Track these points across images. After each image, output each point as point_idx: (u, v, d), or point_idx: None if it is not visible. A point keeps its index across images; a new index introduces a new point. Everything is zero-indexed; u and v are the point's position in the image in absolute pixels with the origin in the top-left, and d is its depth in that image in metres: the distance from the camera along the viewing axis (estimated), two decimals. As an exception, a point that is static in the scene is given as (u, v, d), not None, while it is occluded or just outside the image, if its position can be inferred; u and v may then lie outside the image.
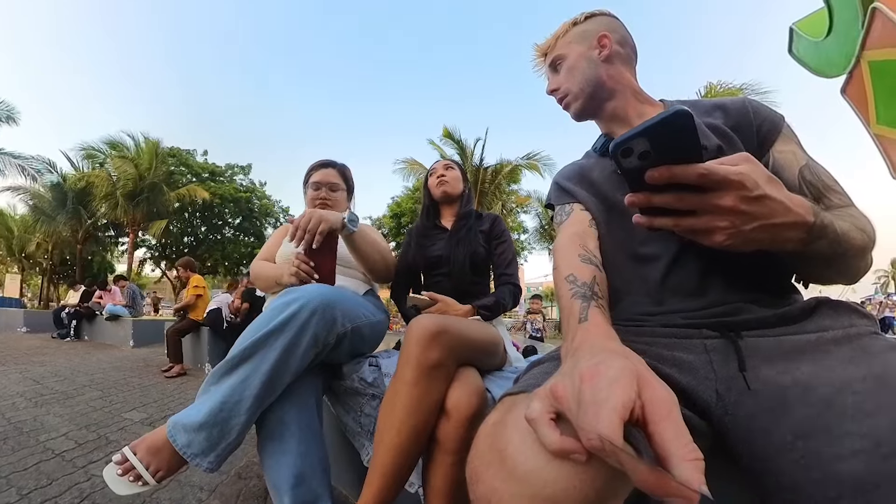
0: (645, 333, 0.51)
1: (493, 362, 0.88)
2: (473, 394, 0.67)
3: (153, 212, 13.37)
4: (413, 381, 0.64)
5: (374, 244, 1.01)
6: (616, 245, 0.60)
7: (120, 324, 5.11)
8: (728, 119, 0.57)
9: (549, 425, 0.29)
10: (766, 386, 0.40)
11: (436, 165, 1.28)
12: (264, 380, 0.69)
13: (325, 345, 0.78)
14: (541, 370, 0.50)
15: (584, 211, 0.64)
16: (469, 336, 0.75)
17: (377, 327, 0.97)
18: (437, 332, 0.66)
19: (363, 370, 0.89)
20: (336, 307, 0.79)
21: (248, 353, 0.70)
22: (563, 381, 0.31)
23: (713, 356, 0.45)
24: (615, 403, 0.26)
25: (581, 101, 0.66)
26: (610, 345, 0.37)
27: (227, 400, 0.66)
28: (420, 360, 0.64)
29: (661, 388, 0.28)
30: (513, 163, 12.07)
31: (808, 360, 0.41)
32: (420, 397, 0.63)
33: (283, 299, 0.75)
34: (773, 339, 0.44)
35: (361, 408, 0.86)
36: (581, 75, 0.65)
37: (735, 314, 0.48)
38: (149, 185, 12.75)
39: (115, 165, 12.48)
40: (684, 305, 0.52)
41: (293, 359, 0.72)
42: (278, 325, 0.71)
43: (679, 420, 0.26)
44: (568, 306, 0.46)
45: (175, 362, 3.19)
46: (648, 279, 0.56)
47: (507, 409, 0.39)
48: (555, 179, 0.73)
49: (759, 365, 0.42)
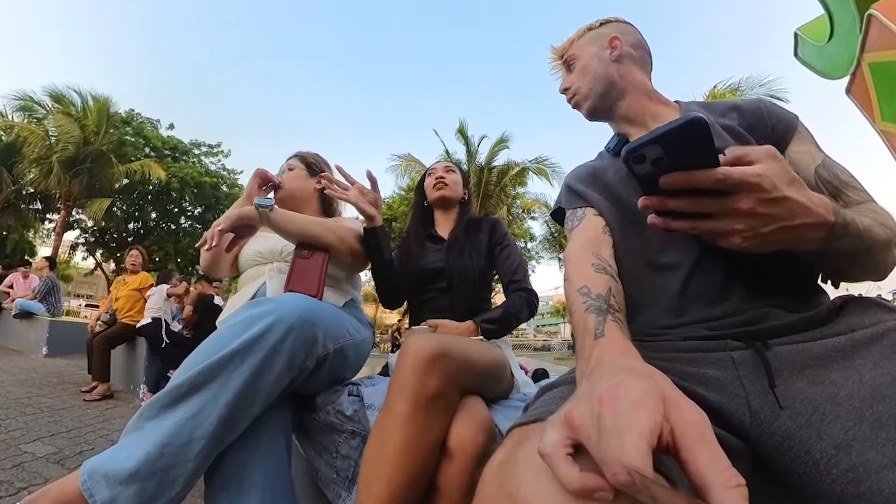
0: (666, 349, 0.55)
1: (498, 388, 0.90)
2: (481, 429, 0.67)
3: (95, 187, 13.31)
4: (408, 415, 0.63)
5: (320, 224, 1.04)
6: (632, 253, 0.65)
7: (31, 324, 4.96)
8: (743, 119, 0.65)
9: (566, 460, 0.29)
10: (800, 399, 0.45)
11: (435, 166, 1.36)
12: (223, 414, 0.65)
13: (303, 370, 0.77)
14: (553, 395, 0.52)
15: (598, 216, 0.70)
16: (474, 359, 0.76)
17: (361, 348, 0.99)
18: (438, 355, 0.66)
19: (341, 401, 0.88)
20: (317, 324, 0.78)
21: (202, 380, 0.66)
22: (578, 406, 0.32)
23: (741, 370, 0.49)
24: (641, 429, 0.27)
25: (592, 98, 0.76)
26: (630, 362, 0.40)
27: (170, 441, 0.62)
28: (417, 390, 0.64)
29: (691, 409, 0.30)
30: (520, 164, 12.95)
31: (838, 366, 0.45)
32: (416, 435, 0.62)
33: (250, 312, 0.74)
34: (801, 346, 0.48)
35: (337, 448, 0.84)
36: (592, 73, 0.76)
37: (760, 321, 0.53)
38: (94, 152, 12.73)
39: (55, 123, 12.36)
40: (706, 314, 0.57)
41: (262, 387, 0.70)
42: (245, 343, 0.69)
43: (714, 443, 0.28)
44: (582, 322, 0.50)
45: (99, 380, 3.04)
46: (668, 289, 0.61)
47: (516, 444, 0.41)
48: (565, 181, 0.79)
49: (789, 377, 0.47)
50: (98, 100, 13.13)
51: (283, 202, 1.23)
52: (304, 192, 1.28)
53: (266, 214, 0.97)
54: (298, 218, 1.04)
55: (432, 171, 1.33)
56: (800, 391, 0.45)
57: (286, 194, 1.24)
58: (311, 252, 1.02)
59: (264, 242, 1.15)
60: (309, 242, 1.03)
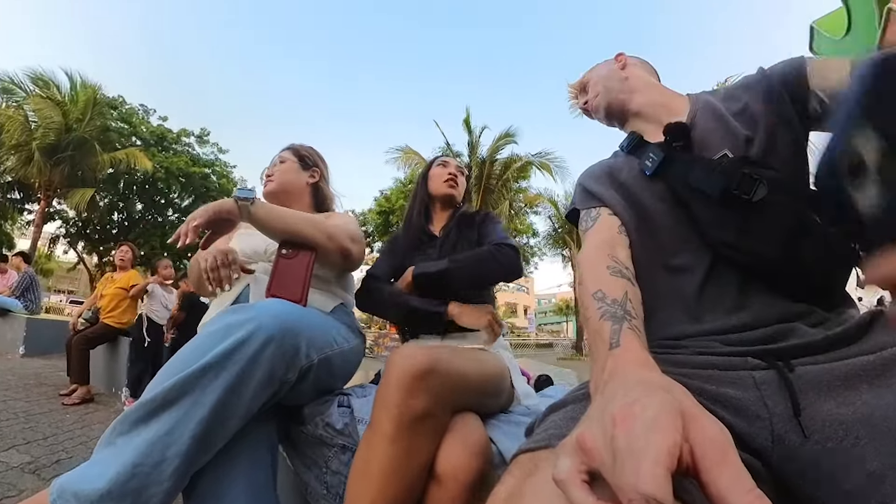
0: (682, 363, 0.54)
1: (497, 403, 0.88)
2: (474, 453, 0.66)
3: (77, 176, 13.22)
4: (392, 435, 0.62)
5: (306, 220, 1.00)
6: (647, 254, 0.65)
7: (8, 322, 4.93)
8: (753, 94, 0.65)
9: (582, 487, 0.29)
10: (829, 422, 0.43)
11: (448, 159, 1.37)
12: (197, 433, 0.64)
13: (284, 383, 0.76)
14: (564, 415, 0.51)
15: (613, 216, 0.70)
16: (469, 375, 0.74)
17: (350, 356, 0.98)
18: (425, 371, 0.64)
19: (330, 413, 0.87)
20: (299, 333, 0.77)
21: (174, 394, 0.65)
22: (591, 428, 0.32)
23: (764, 390, 0.48)
24: (657, 452, 0.26)
25: (604, 97, 0.82)
26: (646, 375, 0.39)
27: (142, 461, 0.61)
28: (401, 410, 0.63)
29: (712, 425, 0.29)
30: (523, 158, 13.12)
31: (868, 385, 0.43)
32: (401, 457, 0.62)
33: (228, 320, 0.73)
34: (825, 367, 0.47)
35: (327, 462, 0.82)
36: (604, 78, 0.85)
37: (781, 339, 0.52)
38: (76, 140, 12.63)
39: (35, 106, 12.17)
40: (723, 324, 0.57)
41: (239, 402, 0.69)
42: (219, 356, 0.67)
43: (737, 462, 0.27)
44: (597, 329, 0.49)
45: (78, 382, 3.00)
46: (683, 293, 0.61)
47: (526, 473, 0.40)
48: (579, 180, 0.81)
49: (815, 399, 0.45)
50: (88, 86, 13.01)
51: (273, 196, 1.21)
52: (296, 185, 1.25)
53: (246, 208, 0.92)
54: (283, 213, 0.99)
55: (445, 163, 1.34)
56: (829, 413, 0.43)
57: (277, 188, 1.22)
58: (295, 251, 0.97)
59: (248, 241, 1.11)
60: (293, 240, 0.99)
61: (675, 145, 0.66)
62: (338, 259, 1.04)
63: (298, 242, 0.98)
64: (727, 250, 0.58)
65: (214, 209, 0.92)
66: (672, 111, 0.72)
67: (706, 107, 0.68)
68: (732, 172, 0.57)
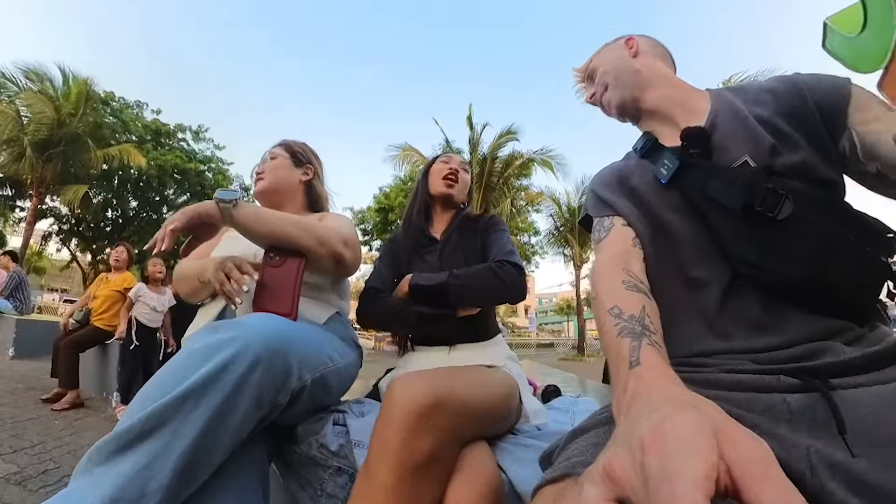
0: (711, 383, 0.52)
1: (505, 426, 0.85)
2: (485, 494, 0.61)
3: (70, 173, 13.19)
4: (391, 486, 0.57)
5: (295, 223, 0.94)
6: (664, 266, 0.63)
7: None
8: (780, 104, 0.61)
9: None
10: (871, 462, 0.40)
11: (451, 155, 1.33)
12: (179, 465, 0.60)
13: (275, 406, 0.72)
14: (587, 441, 0.50)
15: (626, 226, 0.68)
16: (478, 404, 0.70)
17: (346, 372, 0.94)
18: (431, 407, 0.60)
19: (325, 432, 0.83)
20: (290, 352, 0.73)
21: (152, 424, 0.60)
22: (619, 454, 0.30)
23: (795, 423, 0.46)
24: (695, 476, 0.25)
25: (618, 91, 0.77)
26: (672, 392, 0.38)
27: (119, 496, 0.57)
28: (403, 457, 0.58)
29: (750, 441, 0.27)
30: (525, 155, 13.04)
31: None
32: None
33: (209, 339, 0.68)
34: (866, 392, 0.45)
35: (322, 484, 0.79)
36: (614, 71, 0.78)
37: (815, 356, 0.50)
38: (69, 135, 12.60)
39: (26, 101, 12.14)
40: (750, 343, 0.54)
41: (225, 431, 0.64)
42: (200, 381, 0.63)
43: (781, 477, 0.25)
44: (615, 347, 0.48)
45: (66, 387, 2.99)
46: (703, 307, 0.59)
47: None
48: (591, 186, 0.80)
49: (858, 431, 0.43)
50: (80, 81, 12.91)
51: (264, 195, 1.18)
52: (288, 184, 1.20)
53: (228, 211, 0.86)
54: (269, 215, 0.92)
55: (448, 160, 1.30)
56: (874, 452, 0.41)
57: (268, 186, 1.17)
58: (282, 258, 0.91)
59: (235, 246, 1.05)
60: (281, 246, 0.92)
61: (692, 151, 0.63)
62: (330, 265, 0.99)
63: (286, 248, 0.93)
64: (749, 269, 0.55)
65: (193, 212, 0.86)
66: (690, 111, 0.68)
67: (729, 108, 0.64)
68: (755, 185, 0.54)
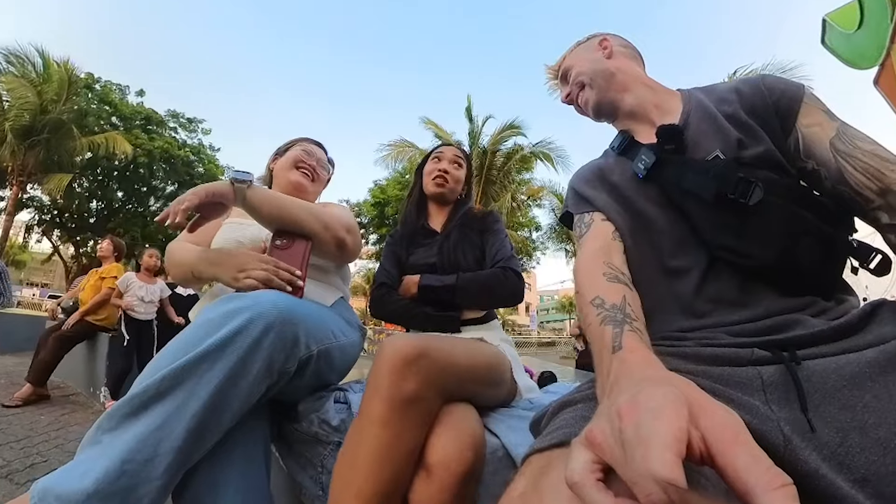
0: (687, 356, 0.56)
1: (496, 395, 0.91)
2: (466, 445, 0.67)
3: (53, 161, 13.10)
4: (383, 419, 0.64)
5: (304, 207, 0.99)
6: (644, 258, 0.68)
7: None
8: (744, 102, 0.67)
9: (596, 487, 0.29)
10: (828, 429, 0.45)
11: (443, 150, 1.35)
12: (192, 426, 0.64)
13: (283, 374, 0.76)
14: (575, 413, 0.53)
15: (606, 221, 0.73)
16: (460, 361, 0.76)
17: (348, 350, 0.99)
18: (416, 355, 0.67)
19: (327, 409, 0.87)
20: (298, 322, 0.77)
21: (167, 386, 0.65)
22: (599, 423, 0.33)
23: (769, 394, 0.49)
24: (664, 437, 0.27)
25: (594, 92, 0.81)
26: (651, 372, 0.41)
27: (131, 457, 0.60)
28: (392, 393, 0.65)
29: (721, 411, 0.30)
30: (525, 148, 13.09)
31: (872, 384, 0.46)
32: (391, 442, 0.63)
33: (224, 308, 0.73)
34: (832, 363, 0.49)
35: (323, 462, 0.82)
36: (590, 71, 0.82)
37: (786, 329, 0.54)
38: (52, 122, 12.53)
39: (8, 86, 12.10)
40: (727, 318, 0.59)
41: (236, 395, 0.69)
42: (217, 344, 0.67)
43: (751, 442, 0.28)
44: (598, 335, 0.51)
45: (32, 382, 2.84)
46: (683, 293, 0.63)
47: (539, 473, 0.41)
48: (570, 184, 0.84)
49: (820, 402, 0.47)
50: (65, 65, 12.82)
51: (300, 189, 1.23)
52: (318, 191, 1.29)
53: (242, 191, 0.90)
54: (279, 198, 0.97)
55: (438, 157, 1.33)
56: (832, 418, 0.46)
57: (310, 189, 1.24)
58: (290, 241, 0.97)
59: (244, 231, 1.10)
60: (288, 229, 0.98)
61: (667, 147, 0.68)
62: (333, 249, 1.04)
63: (293, 231, 0.98)
64: (726, 253, 0.60)
65: (207, 191, 0.88)
66: (665, 111, 0.74)
67: (699, 106, 0.71)
68: (727, 175, 0.59)
